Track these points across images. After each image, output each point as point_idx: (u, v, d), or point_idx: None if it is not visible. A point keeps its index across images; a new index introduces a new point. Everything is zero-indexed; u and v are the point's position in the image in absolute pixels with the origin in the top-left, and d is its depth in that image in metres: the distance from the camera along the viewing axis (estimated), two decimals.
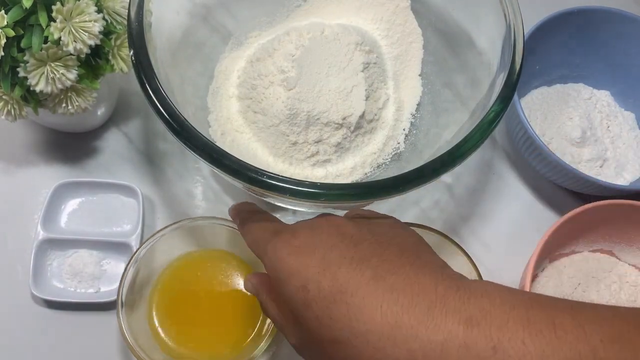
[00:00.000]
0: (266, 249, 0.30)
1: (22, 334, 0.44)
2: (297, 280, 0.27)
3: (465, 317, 0.24)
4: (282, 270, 0.28)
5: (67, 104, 0.41)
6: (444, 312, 0.24)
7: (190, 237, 0.44)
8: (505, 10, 0.40)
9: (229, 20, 0.50)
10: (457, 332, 0.24)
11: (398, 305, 0.25)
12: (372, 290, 0.26)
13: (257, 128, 0.46)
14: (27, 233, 0.46)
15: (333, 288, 0.26)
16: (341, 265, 0.27)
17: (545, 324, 0.23)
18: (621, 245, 0.47)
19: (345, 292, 0.26)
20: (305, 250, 0.28)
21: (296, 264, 0.28)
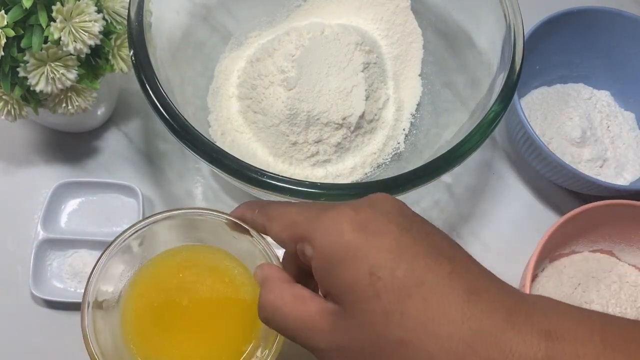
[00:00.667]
0: (315, 225, 0.25)
1: (22, 334, 0.44)
2: (364, 264, 0.23)
3: (545, 330, 0.21)
4: (344, 249, 0.24)
5: (67, 104, 0.41)
6: (521, 321, 0.22)
7: (175, 231, 0.36)
8: (506, 11, 0.40)
9: (229, 20, 0.50)
10: (539, 345, 0.21)
11: (478, 309, 0.22)
12: (452, 289, 0.22)
13: (257, 128, 0.46)
14: (27, 233, 0.46)
15: (409, 279, 0.22)
16: (417, 254, 0.23)
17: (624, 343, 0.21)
18: (621, 246, 0.47)
19: (423, 286, 0.22)
20: (372, 228, 0.24)
21: (364, 243, 0.23)
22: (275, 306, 0.26)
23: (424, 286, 0.22)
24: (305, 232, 0.26)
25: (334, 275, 0.24)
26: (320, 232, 0.25)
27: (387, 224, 0.24)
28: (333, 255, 0.24)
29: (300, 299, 0.26)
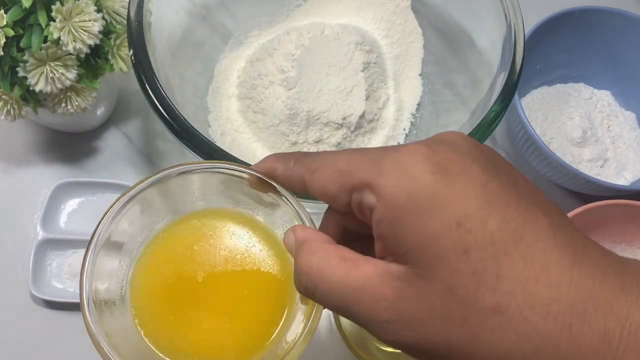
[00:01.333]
0: (379, 168, 0.21)
1: (22, 334, 0.44)
2: (449, 213, 0.19)
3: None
4: (422, 194, 0.19)
5: (66, 104, 0.41)
6: (635, 284, 0.18)
7: (178, 195, 0.30)
8: (506, 10, 0.40)
9: (228, 20, 0.50)
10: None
11: (584, 271, 0.18)
12: (555, 245, 0.18)
13: (257, 128, 0.46)
14: (26, 233, 0.46)
15: (504, 233, 0.18)
16: (509, 203, 0.19)
17: None
18: (622, 246, 0.47)
19: (521, 241, 0.18)
20: (455, 170, 0.19)
21: (447, 188, 0.19)
22: (320, 270, 0.21)
23: (522, 241, 0.18)
24: (364, 177, 0.21)
25: (406, 228, 0.19)
26: (386, 176, 0.20)
27: (471, 166, 0.20)
28: (406, 203, 0.19)
29: (351, 262, 0.21)
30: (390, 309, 0.20)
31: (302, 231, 0.24)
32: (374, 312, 0.20)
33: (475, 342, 0.18)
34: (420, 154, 0.20)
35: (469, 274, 0.18)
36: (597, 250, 0.19)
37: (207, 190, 0.30)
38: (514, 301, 0.18)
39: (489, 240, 0.18)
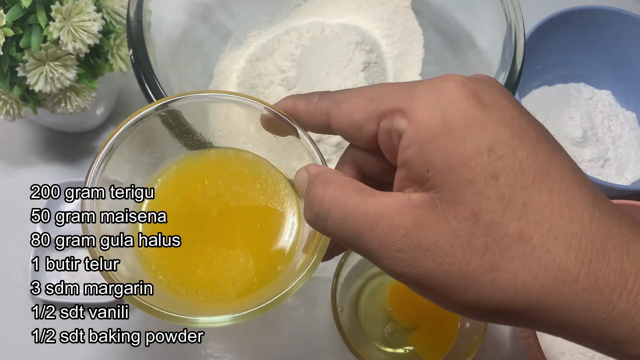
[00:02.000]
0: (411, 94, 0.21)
1: (22, 333, 0.44)
2: (482, 137, 0.19)
3: None
4: (456, 117, 0.19)
5: (66, 104, 0.41)
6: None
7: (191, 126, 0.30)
8: (506, 10, 0.40)
9: (228, 20, 0.50)
10: None
11: (605, 212, 0.19)
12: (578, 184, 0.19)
13: None
14: (26, 233, 0.46)
15: (534, 164, 0.19)
16: (538, 139, 0.19)
17: None
18: None
19: (549, 175, 0.19)
20: (488, 100, 0.20)
21: (481, 114, 0.19)
22: (334, 198, 0.21)
23: (549, 175, 0.19)
24: (396, 102, 0.21)
25: (437, 150, 0.19)
26: (419, 101, 0.20)
27: (503, 99, 0.20)
28: (440, 125, 0.19)
29: (368, 192, 0.21)
30: (407, 236, 0.19)
31: (316, 167, 0.24)
32: (390, 239, 0.19)
33: (495, 271, 0.18)
34: (455, 80, 0.21)
35: (496, 199, 0.18)
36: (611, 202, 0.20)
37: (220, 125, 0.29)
38: (538, 231, 0.18)
39: (518, 169, 0.19)
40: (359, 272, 0.44)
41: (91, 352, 0.44)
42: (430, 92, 0.20)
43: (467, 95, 0.20)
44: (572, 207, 0.18)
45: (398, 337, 0.43)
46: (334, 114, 0.23)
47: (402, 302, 0.43)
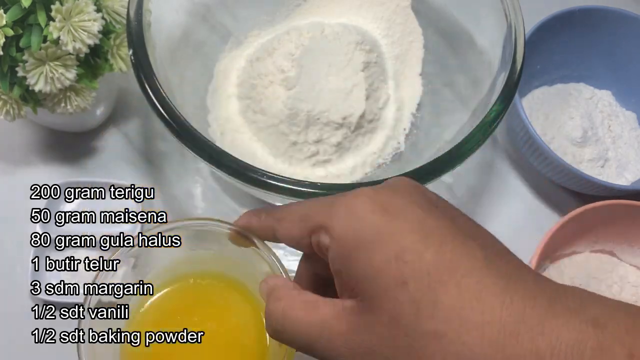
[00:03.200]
0: (331, 211, 0.23)
1: (21, 333, 0.44)
2: (389, 248, 0.21)
3: (591, 317, 0.20)
4: (366, 232, 0.21)
5: (66, 104, 0.41)
6: (566, 309, 0.20)
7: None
8: (506, 10, 0.40)
9: (228, 20, 0.50)
10: (587, 332, 0.19)
11: (518, 296, 0.20)
12: (487, 275, 0.20)
13: (256, 128, 0.46)
14: (26, 233, 0.46)
15: (440, 264, 0.20)
16: (445, 237, 0.21)
17: None
18: (622, 246, 0.47)
19: (456, 271, 0.20)
20: (394, 210, 0.22)
21: (387, 225, 0.21)
22: (285, 314, 0.24)
23: (457, 272, 0.20)
24: (320, 220, 0.24)
25: (354, 262, 0.22)
26: (337, 217, 0.23)
27: (410, 205, 0.22)
28: (353, 240, 0.22)
29: (311, 304, 0.23)
30: (346, 343, 0.22)
31: (272, 280, 0.27)
32: (333, 348, 0.22)
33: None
34: (364, 195, 0.23)
35: (408, 303, 0.20)
36: (532, 277, 0.21)
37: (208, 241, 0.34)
38: (451, 326, 0.20)
39: (425, 271, 0.20)
40: None
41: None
42: (343, 209, 0.23)
43: (374, 209, 0.22)
44: (481, 299, 0.20)
45: None
46: (277, 230, 0.27)
47: None
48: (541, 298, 0.20)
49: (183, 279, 0.35)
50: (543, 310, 0.20)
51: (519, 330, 0.19)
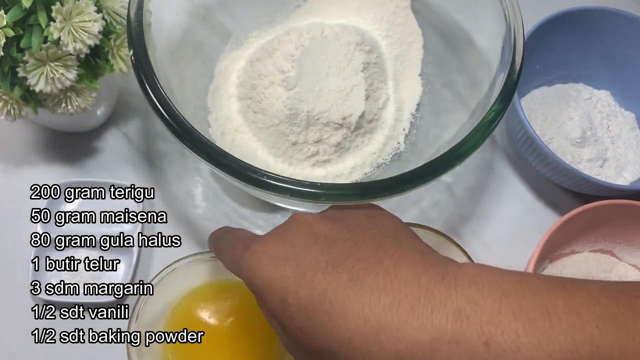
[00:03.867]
0: (240, 265, 0.29)
1: (22, 334, 0.44)
2: (276, 294, 0.26)
3: (453, 310, 0.23)
4: (260, 285, 0.27)
5: (66, 104, 0.41)
6: (429, 307, 0.23)
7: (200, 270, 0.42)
8: (506, 10, 0.40)
9: (228, 20, 0.50)
10: (445, 328, 0.22)
11: (380, 306, 0.24)
12: (351, 295, 0.25)
13: (256, 128, 0.46)
14: (26, 233, 0.46)
15: (312, 297, 0.25)
16: (317, 271, 0.26)
17: (539, 311, 0.22)
18: (621, 246, 0.47)
19: (324, 300, 0.25)
20: (279, 258, 0.27)
21: (273, 275, 0.27)
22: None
23: (325, 300, 0.25)
24: (236, 271, 0.31)
25: (261, 304, 0.28)
26: (243, 274, 0.29)
27: (291, 250, 0.27)
28: (256, 290, 0.28)
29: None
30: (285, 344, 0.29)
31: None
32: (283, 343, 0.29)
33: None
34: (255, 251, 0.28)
35: (297, 330, 0.26)
36: (398, 284, 0.25)
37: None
38: (329, 344, 0.25)
39: (302, 307, 0.25)
40: None
41: (91, 351, 0.44)
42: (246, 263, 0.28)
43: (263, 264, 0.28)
44: (346, 318, 0.24)
45: None
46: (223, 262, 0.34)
47: None
48: (403, 303, 0.24)
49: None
50: (403, 316, 0.23)
51: (381, 338, 0.23)
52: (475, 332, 0.22)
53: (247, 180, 0.32)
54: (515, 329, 0.22)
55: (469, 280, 0.24)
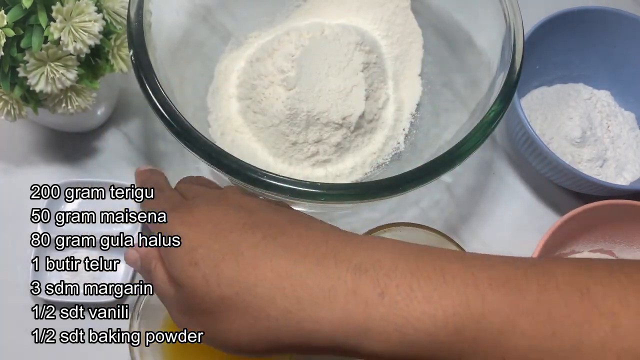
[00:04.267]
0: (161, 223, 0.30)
1: (22, 334, 0.44)
2: (187, 244, 0.27)
3: (354, 265, 0.25)
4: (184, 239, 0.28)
5: (66, 104, 0.41)
6: (333, 261, 0.25)
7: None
8: (505, 10, 0.40)
9: (228, 20, 0.50)
10: (345, 279, 0.24)
11: (289, 260, 0.25)
12: (262, 248, 0.26)
13: (256, 128, 0.46)
14: (26, 233, 0.46)
15: (223, 248, 0.26)
16: (233, 229, 0.27)
17: (434, 270, 0.24)
18: (621, 245, 0.47)
19: (236, 251, 0.26)
20: (199, 223, 0.28)
21: (188, 231, 0.28)
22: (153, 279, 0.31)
23: (236, 251, 0.26)
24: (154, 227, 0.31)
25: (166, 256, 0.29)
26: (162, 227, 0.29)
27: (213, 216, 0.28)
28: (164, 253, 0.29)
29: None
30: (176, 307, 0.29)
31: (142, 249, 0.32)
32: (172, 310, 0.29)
33: (218, 324, 0.26)
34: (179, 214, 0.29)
35: (200, 278, 0.26)
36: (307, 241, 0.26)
37: None
38: (232, 290, 0.25)
39: (212, 255, 0.26)
40: None
41: (91, 351, 0.44)
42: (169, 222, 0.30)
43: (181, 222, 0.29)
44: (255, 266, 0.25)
45: None
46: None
47: None
48: (310, 258, 0.25)
49: None
50: (309, 266, 0.25)
51: (284, 285, 0.25)
52: (371, 284, 0.24)
53: (247, 180, 0.32)
54: (410, 284, 0.24)
55: (375, 245, 0.26)
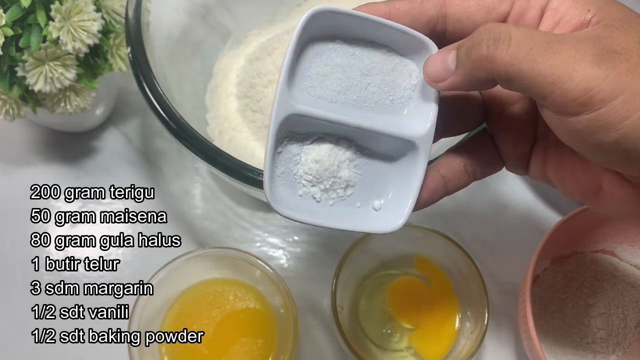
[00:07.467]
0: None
1: (22, 334, 0.44)
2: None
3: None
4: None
5: (65, 104, 0.41)
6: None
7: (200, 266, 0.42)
8: None
9: (228, 19, 0.50)
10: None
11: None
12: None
13: (255, 127, 0.46)
14: (26, 233, 0.46)
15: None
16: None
17: None
18: (623, 246, 0.47)
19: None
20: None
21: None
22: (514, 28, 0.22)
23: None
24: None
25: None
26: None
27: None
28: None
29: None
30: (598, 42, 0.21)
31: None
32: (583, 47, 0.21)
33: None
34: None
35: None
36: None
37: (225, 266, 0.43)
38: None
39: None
40: (359, 272, 0.44)
41: (91, 351, 0.44)
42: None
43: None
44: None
45: (398, 337, 0.42)
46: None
47: (402, 302, 0.43)
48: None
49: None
50: None
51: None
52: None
53: (243, 179, 0.32)
54: None
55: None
